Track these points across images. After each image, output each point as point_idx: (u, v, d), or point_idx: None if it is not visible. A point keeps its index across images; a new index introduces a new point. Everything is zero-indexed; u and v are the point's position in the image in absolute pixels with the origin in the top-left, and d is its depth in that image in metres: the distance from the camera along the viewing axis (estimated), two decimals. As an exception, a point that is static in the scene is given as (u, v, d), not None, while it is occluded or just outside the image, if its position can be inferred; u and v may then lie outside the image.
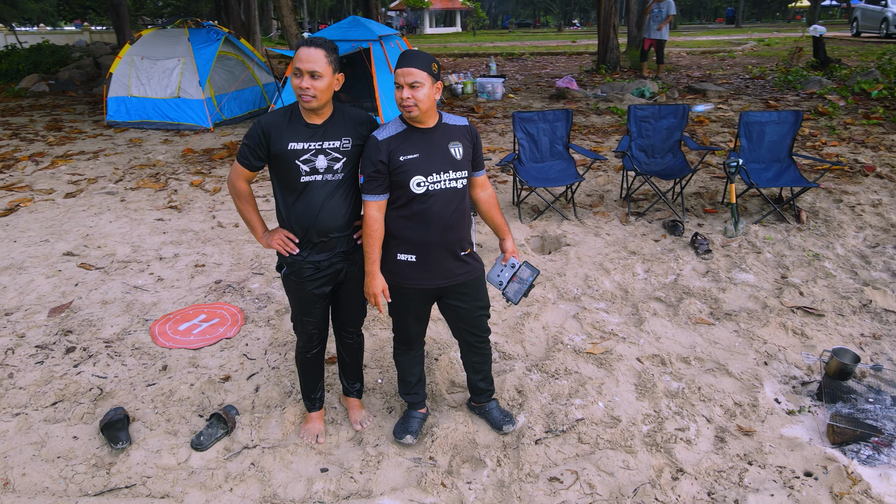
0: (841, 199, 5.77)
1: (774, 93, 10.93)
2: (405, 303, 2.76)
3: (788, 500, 2.73)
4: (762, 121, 5.33)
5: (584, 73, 14.85)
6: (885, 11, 20.71)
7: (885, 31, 20.57)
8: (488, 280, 2.87)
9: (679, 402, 3.29)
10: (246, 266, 4.69)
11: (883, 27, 20.73)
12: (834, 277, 4.51)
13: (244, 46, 10.62)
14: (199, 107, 9.29)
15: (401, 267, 2.66)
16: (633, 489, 2.76)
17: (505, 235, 2.83)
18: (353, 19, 9.20)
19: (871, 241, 5.05)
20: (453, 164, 2.56)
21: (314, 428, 3.03)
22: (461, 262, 2.69)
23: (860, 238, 5.09)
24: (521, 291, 2.76)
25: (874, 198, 5.82)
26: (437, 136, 2.56)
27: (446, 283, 2.68)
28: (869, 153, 7.20)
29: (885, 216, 5.44)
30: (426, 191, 2.53)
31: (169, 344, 3.67)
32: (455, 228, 2.62)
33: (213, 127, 9.34)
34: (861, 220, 5.38)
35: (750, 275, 4.53)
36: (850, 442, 3.05)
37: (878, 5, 21.26)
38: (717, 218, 5.51)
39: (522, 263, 2.79)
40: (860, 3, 23.68)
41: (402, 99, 2.45)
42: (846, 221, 5.33)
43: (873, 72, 11.20)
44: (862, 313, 4.10)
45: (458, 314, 2.82)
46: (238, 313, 3.99)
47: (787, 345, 3.80)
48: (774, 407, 3.29)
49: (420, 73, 2.41)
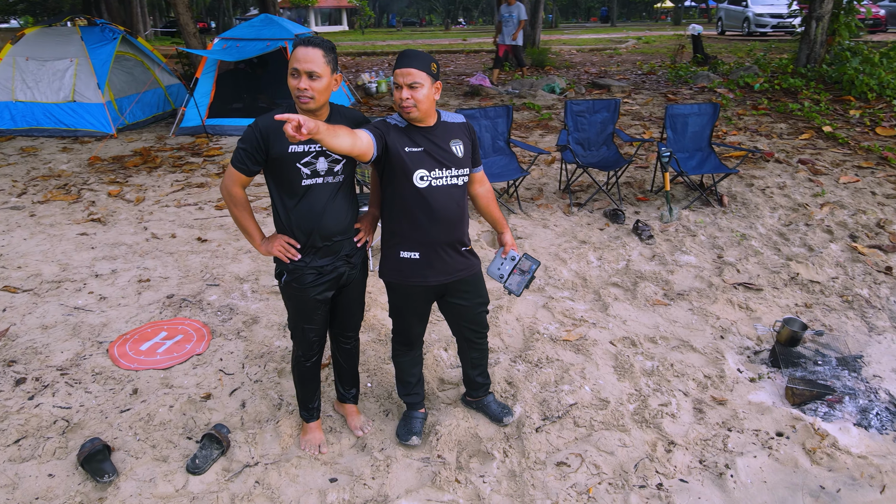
0: (752, 184, 6.31)
1: (670, 87, 11.70)
2: (408, 301, 2.74)
3: (770, 460, 2.98)
4: (685, 113, 5.73)
5: (489, 70, 15.17)
6: (745, 12, 22.76)
7: (746, 30, 22.58)
8: (488, 274, 2.91)
9: (656, 380, 3.49)
10: (197, 278, 4.44)
11: (745, 26, 22.74)
12: (762, 255, 4.94)
13: (143, 46, 9.97)
14: (100, 111, 8.62)
15: (404, 264, 2.64)
16: (634, 465, 2.92)
17: (503, 229, 2.88)
18: (265, 17, 8.88)
19: (784, 220, 5.56)
20: (455, 161, 2.57)
21: (315, 438, 2.95)
22: (463, 257, 2.71)
23: (775, 218, 5.60)
24: (524, 283, 2.82)
25: (779, 181, 6.40)
26: (439, 133, 2.57)
27: (449, 280, 2.69)
28: (764, 141, 7.90)
29: (792, 197, 6.01)
30: (429, 186, 2.52)
31: (133, 366, 3.42)
32: (458, 225, 2.64)
33: (117, 132, 8.71)
34: (773, 201, 5.91)
35: (691, 256, 4.86)
36: (808, 402, 3.37)
37: (740, 6, 23.33)
38: (650, 205, 5.86)
39: (522, 255, 2.84)
40: (724, 4, 25.84)
41: (401, 99, 2.44)
42: (761, 203, 5.84)
43: (752, 67, 12.26)
44: (792, 285, 4.52)
45: (460, 311, 2.84)
46: (202, 328, 3.79)
47: (736, 319, 4.12)
48: (738, 376, 3.57)
49: (419, 73, 2.41)
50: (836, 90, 10.10)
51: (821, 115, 8.74)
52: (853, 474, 2.92)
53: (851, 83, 9.89)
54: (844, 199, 5.95)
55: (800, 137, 7.89)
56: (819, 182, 6.34)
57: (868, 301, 4.33)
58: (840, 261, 4.86)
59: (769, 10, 22.33)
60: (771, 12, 22.17)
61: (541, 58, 15.27)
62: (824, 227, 5.40)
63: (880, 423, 3.26)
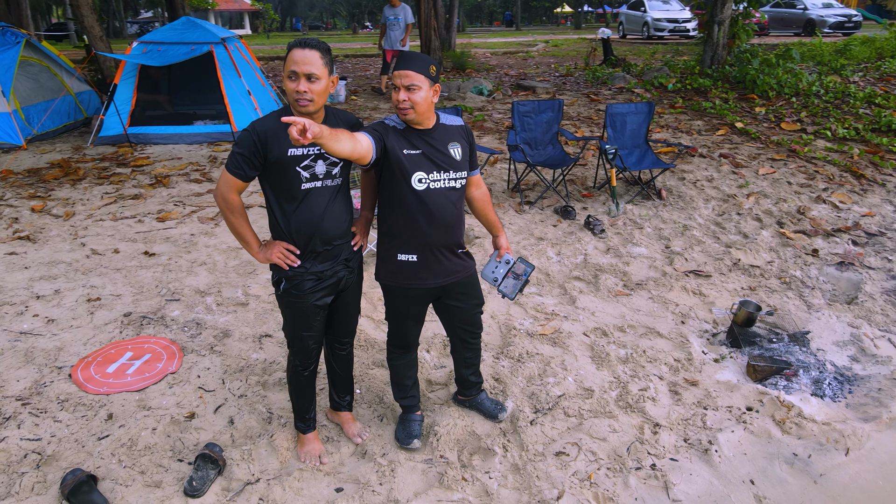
0: (683, 178, 6.69)
1: (590, 88, 12.18)
2: (406, 304, 2.74)
3: (746, 433, 3.20)
4: (623, 112, 6.01)
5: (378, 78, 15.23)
6: (645, 16, 24.08)
7: (646, 34, 23.86)
8: (482, 277, 2.93)
9: (632, 367, 3.66)
10: (153, 294, 4.21)
11: (644, 30, 24.03)
12: (704, 243, 5.26)
13: (49, 51, 9.29)
14: (6, 121, 7.96)
15: (402, 267, 2.64)
16: (626, 448, 3.05)
17: (498, 232, 2.92)
18: (186, 20, 8.48)
19: (717, 210, 5.94)
20: (453, 164, 2.59)
21: (314, 449, 2.88)
22: (460, 259, 2.73)
23: (709, 208, 5.97)
24: (518, 287, 2.85)
25: (706, 174, 6.83)
26: (437, 136, 2.58)
27: (446, 282, 2.70)
28: (685, 137, 8.39)
29: (720, 188, 6.43)
30: (427, 188, 2.53)
31: (103, 389, 3.21)
32: (455, 228, 2.66)
33: (27, 144, 8.08)
34: (705, 193, 6.30)
35: (642, 248, 5.11)
36: (768, 377, 3.63)
37: (640, 11, 24.65)
38: (595, 200, 6.10)
39: (517, 259, 2.88)
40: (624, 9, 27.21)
41: (398, 101, 2.44)
42: (694, 196, 6.21)
43: (663, 68, 12.97)
44: (735, 271, 4.84)
45: (456, 313, 2.86)
46: (171, 345, 3.60)
47: (692, 304, 4.37)
48: (704, 358, 3.80)
49: (417, 75, 2.42)
50: (741, 89, 10.86)
51: (732, 113, 9.38)
52: (820, 440, 3.18)
53: (754, 83, 10.66)
54: (766, 189, 6.42)
55: (717, 133, 8.44)
56: (741, 174, 6.81)
57: (802, 282, 4.71)
58: (772, 246, 5.25)
59: (666, 14, 23.75)
60: (668, 17, 23.59)
61: (461, 60, 15.47)
62: (753, 215, 5.82)
63: (833, 392, 3.57)
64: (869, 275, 4.83)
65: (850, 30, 21.51)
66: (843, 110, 9.34)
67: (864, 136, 8.19)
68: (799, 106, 9.65)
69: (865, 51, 14.10)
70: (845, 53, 13.85)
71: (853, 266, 4.97)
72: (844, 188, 6.53)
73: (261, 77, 9.30)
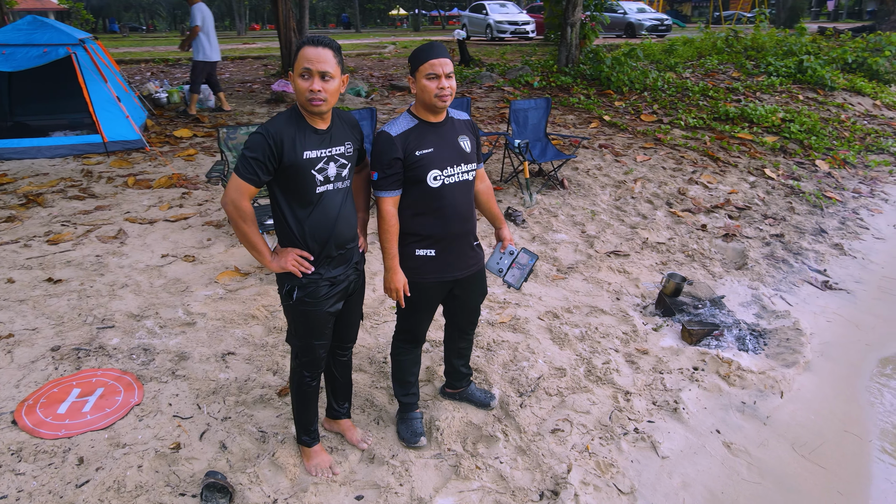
0: (577, 168, 7.19)
1: (462, 87, 12.56)
2: (423, 298, 2.75)
3: (700, 390, 3.58)
4: (525, 108, 6.33)
5: (272, 76, 14.71)
6: (487, 19, 25.23)
7: (490, 36, 25.01)
8: (487, 268, 3.00)
9: (589, 343, 3.93)
10: (77, 323, 3.77)
11: (488, 32, 25.17)
12: (613, 226, 5.72)
13: None
14: None
15: (420, 262, 2.66)
16: (608, 416, 3.29)
17: (501, 224, 3.01)
18: (32, 19, 7.49)
19: (614, 195, 6.48)
20: (464, 157, 2.65)
21: (323, 461, 2.80)
22: (474, 252, 2.80)
23: (607, 194, 6.48)
24: (523, 276, 2.97)
25: (594, 163, 7.39)
26: (448, 129, 2.62)
27: (463, 275, 2.77)
28: (563, 130, 8.98)
29: (611, 175, 7.00)
30: (442, 184, 2.58)
31: (62, 433, 2.85)
32: (470, 220, 2.73)
33: None
34: (599, 181, 6.82)
35: (563, 234, 5.45)
36: (701, 339, 4.08)
37: (482, 14, 25.79)
38: (506, 193, 6.36)
39: (521, 250, 2.99)
40: (467, 12, 28.30)
41: (440, 89, 2.45)
42: (591, 183, 6.71)
43: (525, 67, 13.71)
44: (646, 248, 5.33)
45: (465, 304, 2.93)
46: (123, 376, 3.27)
47: (620, 281, 4.76)
48: (646, 328, 4.17)
49: (451, 63, 2.47)
50: (598, 85, 11.81)
51: (597, 107, 10.19)
52: (759, 388, 3.64)
53: (609, 80, 11.65)
54: (647, 174, 7.09)
55: (590, 126, 9.13)
56: (624, 162, 7.46)
57: (702, 253, 5.30)
58: (668, 224, 5.84)
59: (507, 17, 25.06)
60: (508, 20, 24.90)
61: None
62: (644, 198, 6.42)
63: (753, 346, 4.09)
64: (749, 243, 5.54)
65: (663, 32, 24.16)
66: (687, 102, 10.51)
67: (709, 124, 9.30)
68: (651, 100, 10.70)
69: (688, 50, 15.91)
70: (672, 53, 15.52)
71: (735, 237, 5.68)
72: (708, 170, 7.39)
73: (123, 82, 8.52)
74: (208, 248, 4.84)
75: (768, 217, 6.18)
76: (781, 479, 3.04)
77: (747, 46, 14.97)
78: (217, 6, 53.50)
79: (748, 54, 14.38)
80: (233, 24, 48.41)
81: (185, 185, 6.30)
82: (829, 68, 12.52)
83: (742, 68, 13.14)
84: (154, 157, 7.17)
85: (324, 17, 67.05)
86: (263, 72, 15.84)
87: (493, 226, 3.03)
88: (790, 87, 11.73)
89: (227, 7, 53.85)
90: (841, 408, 3.61)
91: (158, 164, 6.98)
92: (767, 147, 8.42)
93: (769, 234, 5.80)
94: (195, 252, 4.77)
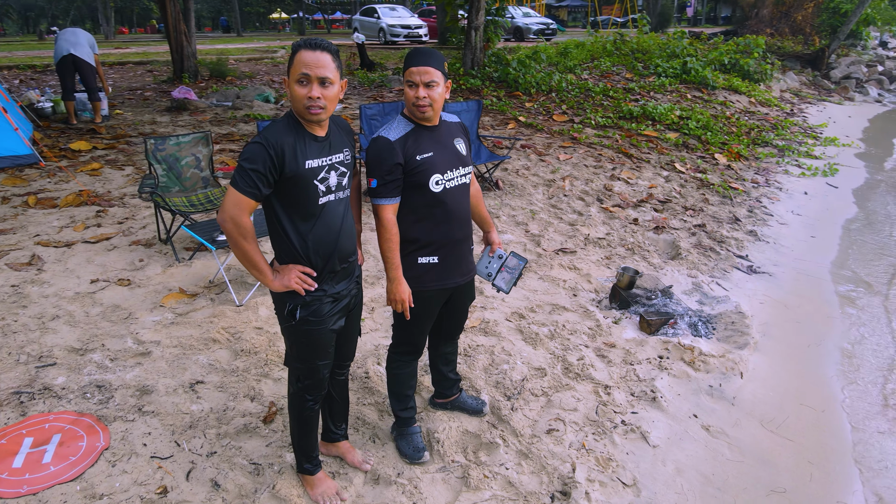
0: (506, 168, 7.30)
1: (372, 91, 12.40)
2: (426, 307, 2.66)
3: (670, 377, 3.74)
4: (457, 110, 6.33)
5: (163, 82, 13.82)
6: (379, 23, 25.14)
7: (383, 39, 24.93)
8: (476, 272, 2.96)
9: (560, 341, 3.99)
10: (8, 364, 3.33)
11: (381, 35, 25.08)
12: (553, 224, 5.85)
13: None
14: None
15: (423, 270, 2.58)
16: (594, 410, 3.35)
17: (490, 228, 2.97)
18: None
19: (547, 194, 6.63)
20: (461, 160, 2.60)
21: (329, 488, 2.64)
22: (472, 256, 2.75)
23: (541, 193, 6.63)
24: (512, 280, 2.94)
25: (522, 164, 7.54)
26: (443, 133, 2.56)
27: (464, 281, 2.71)
28: (482, 131, 9.10)
29: (539, 175, 7.17)
30: (443, 189, 2.51)
31: (24, 489, 2.50)
32: (469, 223, 2.68)
33: None
34: (530, 181, 6.96)
35: (509, 235, 5.50)
36: (659, 328, 4.26)
37: (374, 17, 25.66)
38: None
39: (509, 254, 2.96)
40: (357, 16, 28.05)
41: (417, 98, 2.38)
42: (523, 184, 6.83)
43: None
44: (589, 244, 5.50)
45: (459, 309, 2.87)
46: (81, 417, 2.92)
47: (573, 278, 4.88)
48: (608, 322, 4.29)
49: (436, 72, 2.39)
50: (506, 87, 12.07)
51: (510, 109, 10.41)
52: (722, 371, 3.85)
53: (516, 81, 11.94)
54: (573, 172, 7.33)
55: (508, 127, 9.31)
56: (548, 161, 7.67)
57: (640, 246, 5.55)
58: (603, 220, 6.06)
59: (399, 21, 25.06)
60: (401, 23, 24.91)
61: (220, 69, 14.49)
62: (576, 195, 6.62)
63: (705, 331, 4.32)
64: (678, 234, 5.87)
65: (549, 35, 25.17)
66: (592, 102, 10.99)
67: (617, 122, 9.77)
68: (559, 100, 11.08)
69: (581, 53, 16.65)
70: (567, 56, 16.18)
71: (664, 229, 5.99)
72: (626, 166, 7.75)
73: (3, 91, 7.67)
74: (143, 270, 4.44)
75: (688, 209, 6.57)
76: (759, 455, 3.22)
77: (634, 49, 15.89)
78: (77, 6, 49.60)
79: (636, 56, 15.28)
80: (96, 27, 44.89)
81: (96, 202, 5.76)
82: (710, 69, 13.55)
83: (634, 70, 13.93)
84: (53, 173, 6.50)
85: (198, 21, 63.93)
86: (152, 78, 14.84)
87: (481, 229, 2.99)
88: (678, 87, 12.58)
89: (88, 9, 49.96)
90: (793, 384, 3.89)
91: (59, 180, 6.34)
92: (671, 143, 8.97)
93: (692, 224, 6.16)
94: (129, 275, 4.37)
